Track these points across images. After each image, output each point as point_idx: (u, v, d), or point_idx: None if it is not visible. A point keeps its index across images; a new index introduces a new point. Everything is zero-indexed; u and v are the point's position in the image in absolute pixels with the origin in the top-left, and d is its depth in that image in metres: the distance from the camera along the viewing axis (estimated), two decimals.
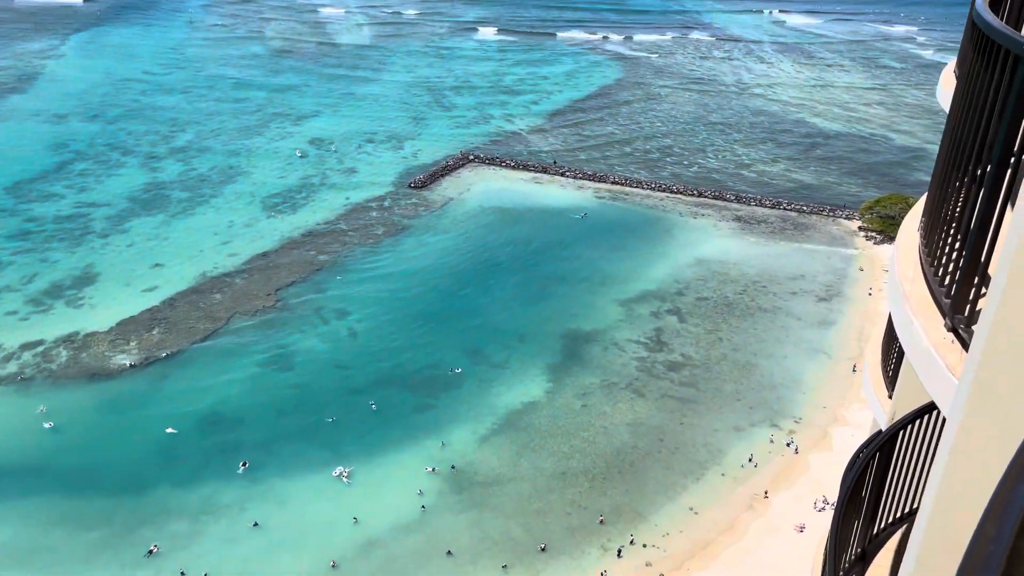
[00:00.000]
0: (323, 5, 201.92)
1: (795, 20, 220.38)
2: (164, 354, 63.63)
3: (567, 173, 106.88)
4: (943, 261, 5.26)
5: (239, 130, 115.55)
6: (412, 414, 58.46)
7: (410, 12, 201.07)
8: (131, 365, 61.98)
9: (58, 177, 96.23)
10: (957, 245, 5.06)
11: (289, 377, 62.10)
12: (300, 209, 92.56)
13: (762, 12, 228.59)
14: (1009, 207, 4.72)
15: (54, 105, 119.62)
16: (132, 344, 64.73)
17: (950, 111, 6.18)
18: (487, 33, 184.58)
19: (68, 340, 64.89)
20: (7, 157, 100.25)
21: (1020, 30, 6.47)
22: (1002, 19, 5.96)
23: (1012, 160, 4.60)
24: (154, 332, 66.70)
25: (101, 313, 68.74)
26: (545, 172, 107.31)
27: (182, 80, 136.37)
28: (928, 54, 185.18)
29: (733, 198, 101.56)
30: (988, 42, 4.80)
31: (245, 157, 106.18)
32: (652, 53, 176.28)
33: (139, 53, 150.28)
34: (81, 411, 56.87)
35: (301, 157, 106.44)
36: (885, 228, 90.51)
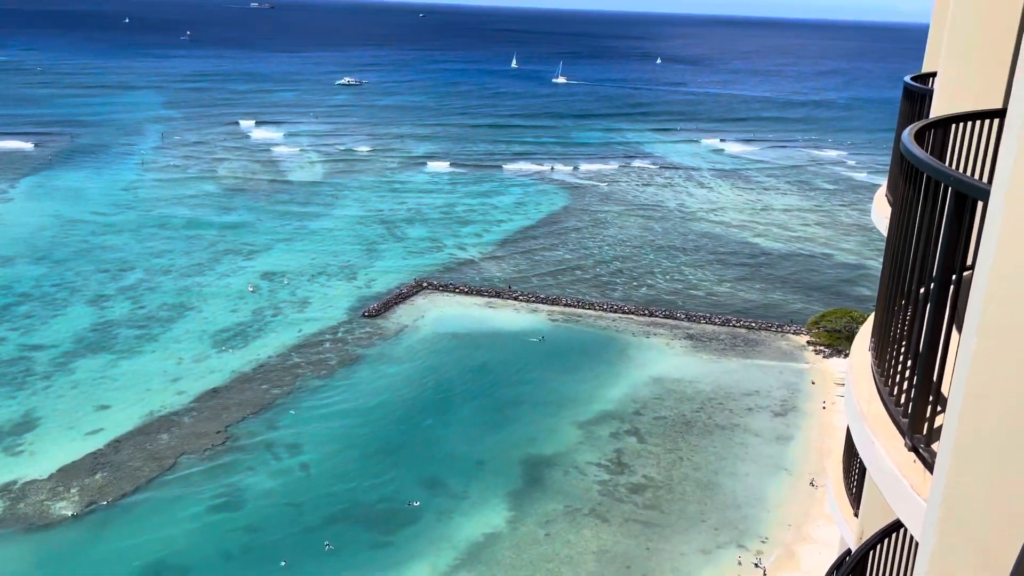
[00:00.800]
0: (276, 144, 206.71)
1: (732, 148, 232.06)
2: (106, 501, 60.66)
3: (520, 297, 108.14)
4: (896, 380, 5.37)
5: (190, 267, 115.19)
6: (369, 552, 56.11)
7: (362, 148, 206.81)
8: (72, 515, 58.85)
9: (1, 320, 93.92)
10: (909, 364, 5.18)
11: (239, 519, 59.46)
12: (252, 343, 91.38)
13: (699, 141, 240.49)
14: (955, 328, 4.88)
15: (1, 248, 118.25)
16: (73, 491, 61.70)
17: (888, 235, 6.49)
18: (437, 166, 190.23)
19: (4, 490, 61.64)
20: None
21: (943, 158, 6.91)
22: (926, 149, 6.35)
23: (952, 281, 4.80)
24: (97, 477, 63.81)
25: (41, 460, 65.76)
26: (498, 297, 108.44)
27: (132, 220, 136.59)
28: (859, 176, 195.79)
29: (684, 317, 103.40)
30: (917, 172, 5.11)
31: (196, 293, 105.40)
32: (597, 181, 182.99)
33: (90, 195, 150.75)
34: (19, 566, 53.30)
35: (253, 292, 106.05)
36: (833, 342, 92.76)
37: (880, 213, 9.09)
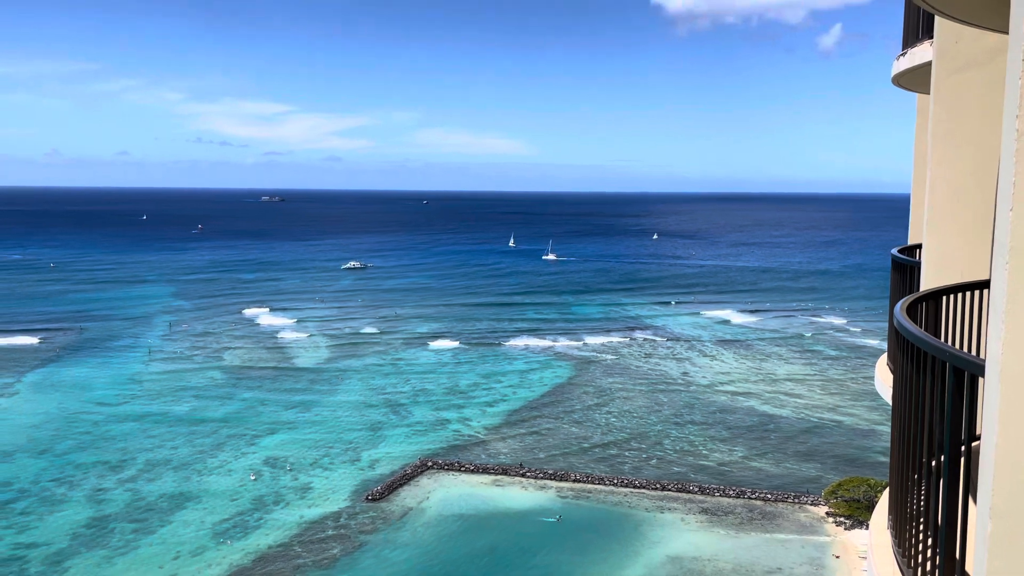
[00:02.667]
0: (282, 329, 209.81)
1: (733, 318, 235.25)
2: None
3: (528, 474, 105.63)
4: (919, 560, 5.19)
5: (192, 455, 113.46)
6: None
7: (367, 330, 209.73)
8: None
9: None
10: (929, 543, 5.03)
11: None
12: (252, 533, 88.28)
13: (700, 312, 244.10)
14: (972, 501, 4.78)
15: (2, 443, 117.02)
16: None
17: (892, 408, 6.48)
18: (441, 344, 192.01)
19: None
20: None
21: (938, 330, 7.04)
22: (919, 322, 6.49)
23: (963, 453, 4.75)
24: None
25: None
26: (505, 474, 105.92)
27: (136, 410, 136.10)
28: (862, 341, 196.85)
29: (696, 489, 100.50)
30: (914, 347, 5.20)
31: (196, 483, 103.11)
32: (601, 354, 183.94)
33: (95, 386, 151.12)
34: None
35: (254, 480, 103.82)
36: (852, 512, 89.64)
37: (883, 382, 9.12)
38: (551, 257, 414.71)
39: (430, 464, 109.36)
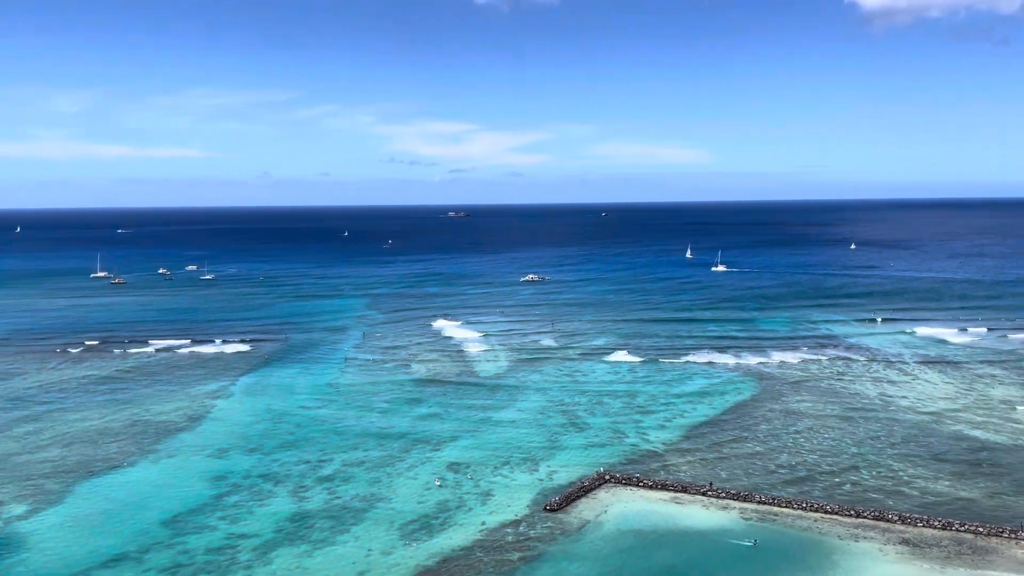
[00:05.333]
0: (464, 340, 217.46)
1: (935, 333, 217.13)
2: None
3: (709, 492, 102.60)
4: None
5: (382, 457, 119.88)
6: None
7: (545, 342, 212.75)
8: None
9: (213, 509, 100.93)
10: None
11: None
12: (436, 536, 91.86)
13: (898, 326, 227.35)
14: None
15: (218, 440, 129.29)
16: None
17: None
18: (618, 357, 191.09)
19: None
20: (169, 492, 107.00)
21: None
22: None
23: None
24: None
25: None
26: (685, 491, 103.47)
27: (333, 413, 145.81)
28: None
29: (896, 518, 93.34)
30: None
31: (386, 484, 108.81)
32: (787, 370, 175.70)
33: (297, 390, 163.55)
34: None
35: (439, 486, 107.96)
36: None
37: None
38: (720, 268, 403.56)
39: (608, 477, 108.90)
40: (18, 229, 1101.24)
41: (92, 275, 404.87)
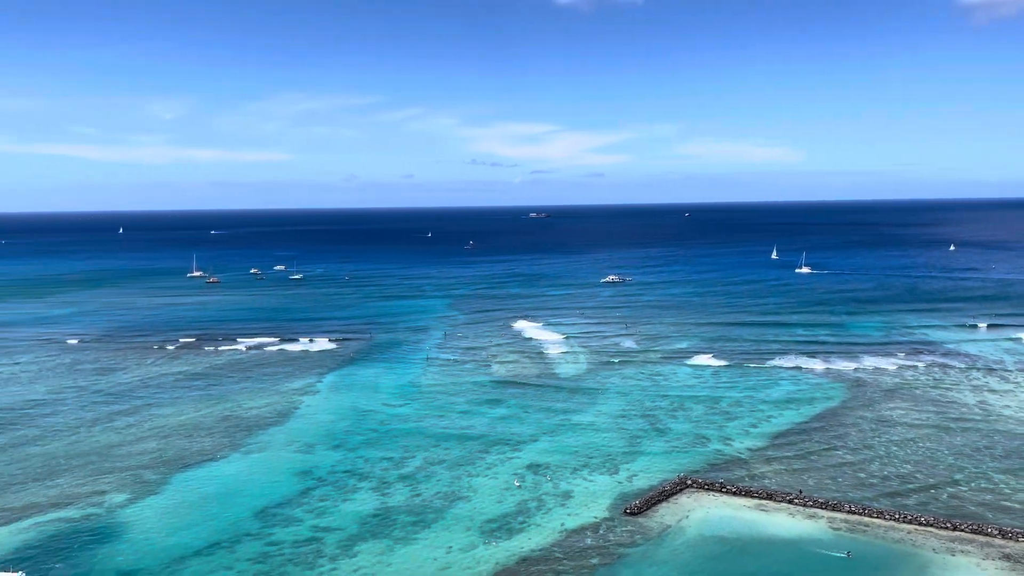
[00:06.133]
0: (544, 340, 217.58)
1: None
2: None
3: (796, 500, 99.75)
4: None
5: (462, 456, 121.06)
6: None
7: (626, 343, 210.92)
8: None
9: (300, 503, 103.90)
10: None
11: None
12: (516, 535, 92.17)
13: (1002, 332, 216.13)
14: None
15: (305, 436, 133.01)
16: None
17: None
18: (701, 360, 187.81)
19: None
20: (259, 485, 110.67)
21: None
22: None
23: None
24: None
25: None
26: (771, 499, 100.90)
27: (415, 411, 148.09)
28: None
29: (997, 532, 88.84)
30: None
31: (466, 483, 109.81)
32: (880, 376, 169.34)
33: (381, 388, 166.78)
34: None
35: (519, 487, 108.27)
36: None
37: None
38: (804, 270, 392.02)
39: (689, 482, 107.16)
40: (120, 230, 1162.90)
41: (188, 274, 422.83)
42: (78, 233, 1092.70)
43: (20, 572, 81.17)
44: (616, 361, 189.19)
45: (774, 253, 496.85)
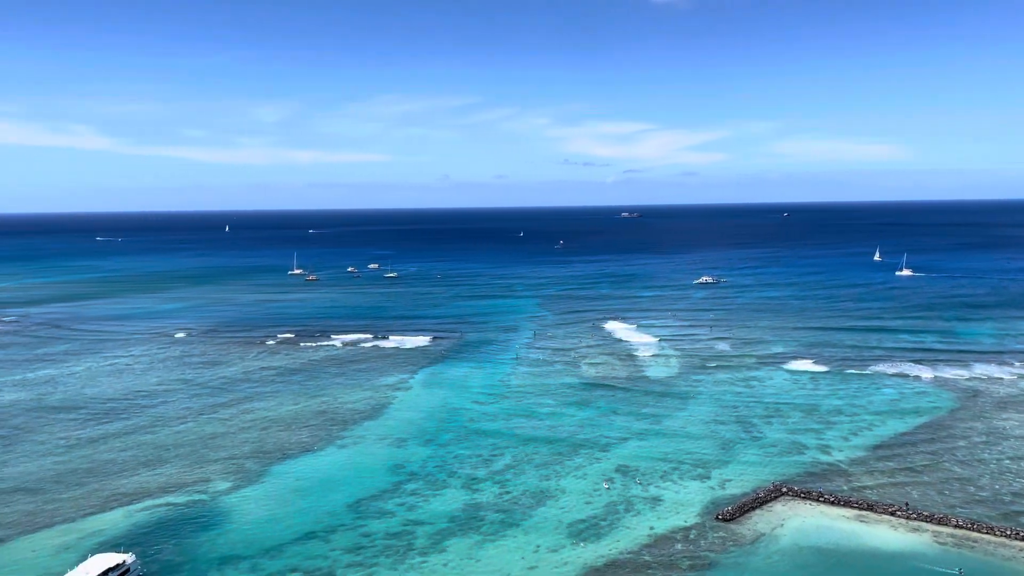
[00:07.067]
0: (635, 341, 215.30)
1: None
2: None
3: (899, 512, 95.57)
4: None
5: (551, 455, 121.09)
6: None
7: (719, 346, 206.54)
8: None
9: (392, 496, 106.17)
10: None
11: None
12: (604, 538, 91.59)
13: None
14: None
15: (397, 431, 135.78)
16: None
17: None
18: (798, 365, 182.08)
19: None
20: (353, 477, 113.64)
21: None
22: None
23: None
24: None
25: None
26: (871, 510, 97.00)
27: (505, 409, 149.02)
28: None
29: None
30: None
31: (555, 483, 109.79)
32: (992, 385, 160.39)
33: (471, 385, 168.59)
34: None
35: (607, 488, 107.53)
36: None
37: None
38: (906, 272, 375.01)
39: (784, 490, 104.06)
40: (227, 228, 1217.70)
41: (289, 272, 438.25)
42: (189, 232, 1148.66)
43: (131, 554, 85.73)
44: (709, 364, 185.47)
45: (877, 255, 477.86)
